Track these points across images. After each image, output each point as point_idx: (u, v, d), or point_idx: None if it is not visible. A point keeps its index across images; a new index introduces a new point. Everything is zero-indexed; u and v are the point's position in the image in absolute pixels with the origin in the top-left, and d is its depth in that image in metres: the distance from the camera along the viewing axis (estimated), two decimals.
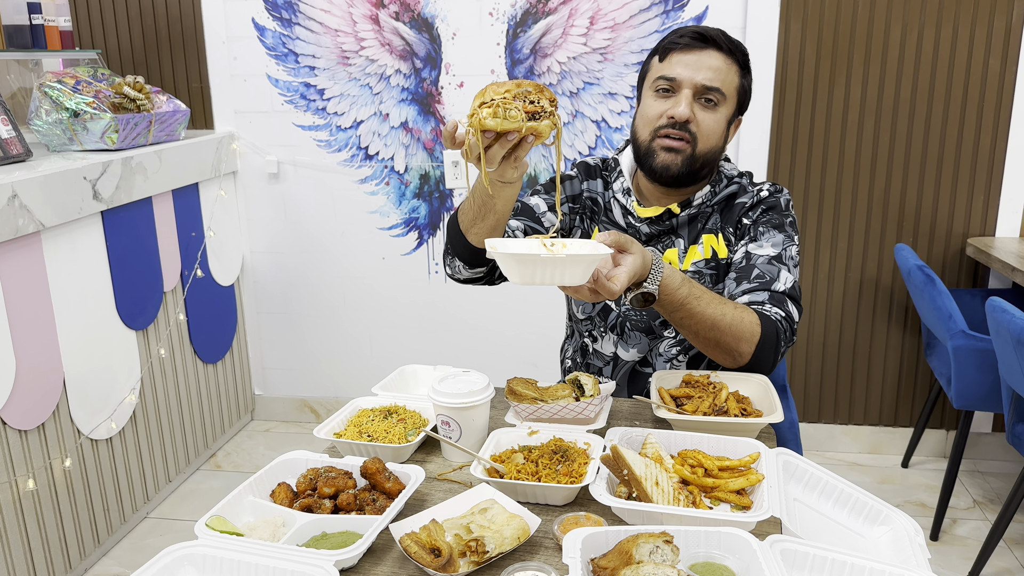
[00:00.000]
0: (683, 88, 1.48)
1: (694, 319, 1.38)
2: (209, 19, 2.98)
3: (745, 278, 1.49)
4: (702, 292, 1.38)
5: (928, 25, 2.63)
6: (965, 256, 2.79)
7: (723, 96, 1.49)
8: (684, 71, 1.47)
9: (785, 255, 1.51)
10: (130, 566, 2.41)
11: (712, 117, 1.50)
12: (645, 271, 1.31)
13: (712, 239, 1.57)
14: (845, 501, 1.18)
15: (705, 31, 1.49)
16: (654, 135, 1.50)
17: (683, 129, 1.48)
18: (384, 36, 2.91)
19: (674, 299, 1.36)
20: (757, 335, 1.40)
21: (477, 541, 0.99)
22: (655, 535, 0.94)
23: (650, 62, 1.55)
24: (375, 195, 3.07)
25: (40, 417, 2.14)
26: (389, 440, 1.27)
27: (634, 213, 1.59)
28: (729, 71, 1.49)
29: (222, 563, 0.98)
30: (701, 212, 1.58)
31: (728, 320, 1.38)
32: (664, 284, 1.34)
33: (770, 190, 1.58)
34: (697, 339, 1.42)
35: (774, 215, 1.56)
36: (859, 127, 2.74)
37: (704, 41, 1.48)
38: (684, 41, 1.48)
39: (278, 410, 3.35)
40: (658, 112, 1.50)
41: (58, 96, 2.44)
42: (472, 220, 1.41)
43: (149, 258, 2.61)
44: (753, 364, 1.43)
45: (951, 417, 2.96)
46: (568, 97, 2.87)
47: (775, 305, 1.45)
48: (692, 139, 1.48)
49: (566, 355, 1.79)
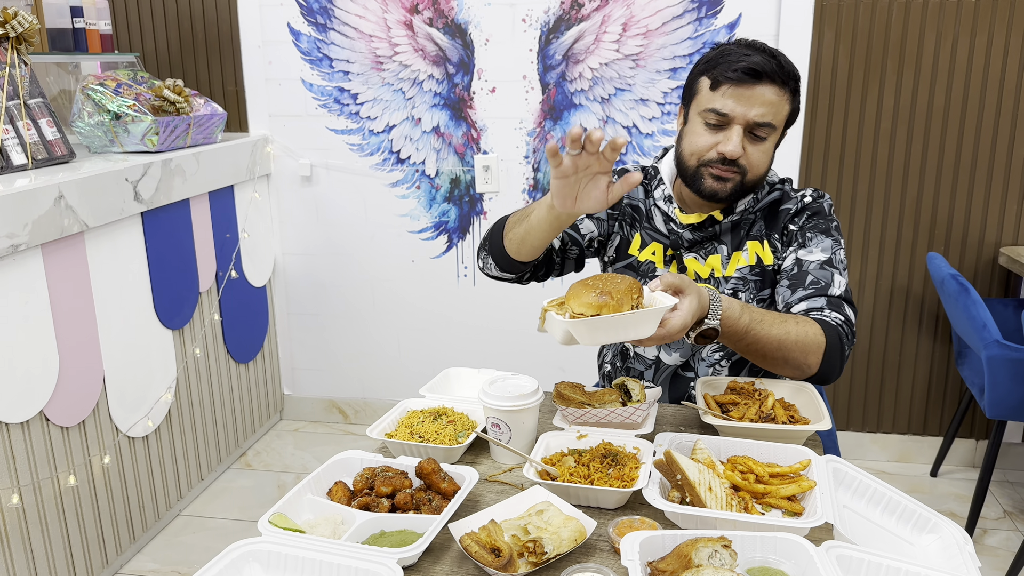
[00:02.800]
0: (734, 124, 1.46)
1: (760, 343, 1.37)
2: (245, 23, 3.02)
3: (800, 285, 1.50)
4: (762, 315, 1.38)
5: (962, 34, 2.63)
6: (997, 265, 2.78)
7: (773, 129, 1.48)
8: (736, 107, 1.45)
9: (835, 259, 1.52)
10: (164, 563, 2.44)
11: (761, 149, 1.49)
12: (703, 308, 1.30)
13: (757, 246, 1.58)
14: (893, 509, 1.19)
15: (760, 67, 1.43)
16: (701, 164, 1.50)
17: (732, 164, 1.48)
18: (418, 42, 2.93)
19: (737, 329, 1.35)
20: (823, 345, 1.39)
21: (535, 542, 1.00)
22: (713, 539, 0.95)
23: (699, 82, 1.51)
24: (406, 199, 3.10)
25: (81, 414, 2.18)
26: (440, 441, 1.29)
27: (676, 220, 1.60)
28: (781, 102, 1.47)
29: (287, 560, 1.00)
30: (744, 219, 1.59)
31: (794, 337, 1.38)
32: (725, 317, 1.33)
33: (813, 196, 1.59)
34: (765, 360, 1.41)
35: (820, 220, 1.56)
36: (891, 135, 2.74)
37: (757, 77, 1.44)
38: (736, 76, 1.44)
39: (307, 410, 3.39)
40: (707, 144, 1.49)
41: (100, 99, 2.48)
42: (516, 232, 1.49)
43: (186, 259, 2.64)
44: (821, 373, 1.42)
45: (981, 426, 2.95)
46: (599, 103, 2.89)
47: (833, 310, 1.45)
48: (741, 171, 1.49)
49: (604, 359, 1.79)
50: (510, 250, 1.52)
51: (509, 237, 1.51)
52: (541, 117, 2.94)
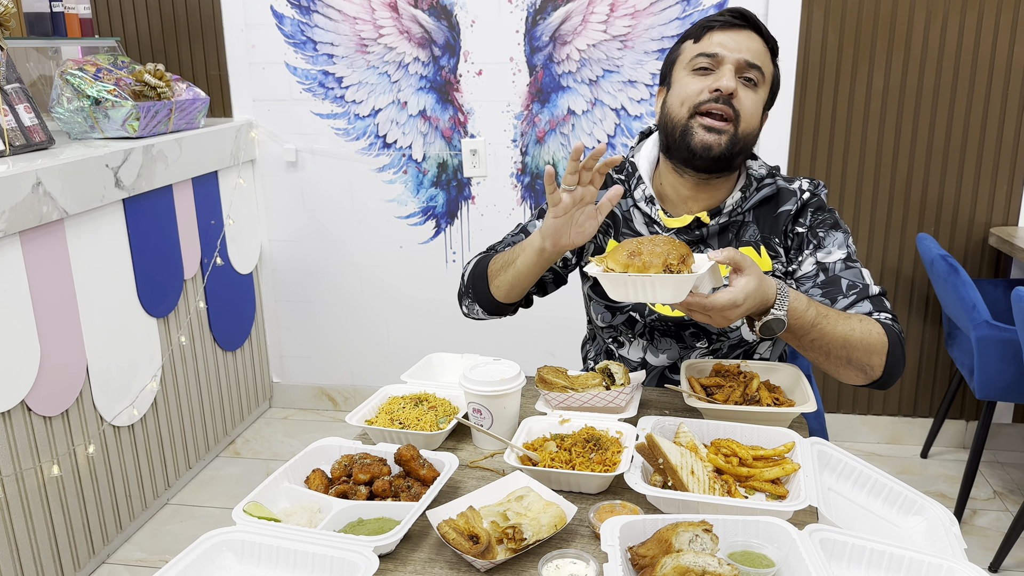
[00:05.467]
0: (726, 63, 1.41)
1: (825, 340, 1.30)
2: (227, 6, 2.97)
3: (839, 293, 1.41)
4: (827, 311, 1.31)
5: (952, 13, 2.60)
6: (987, 246, 2.77)
7: (763, 77, 1.44)
8: (727, 45, 1.42)
9: (852, 252, 1.45)
10: (152, 552, 2.43)
11: (752, 97, 1.43)
12: (765, 295, 1.22)
13: (752, 252, 1.48)
14: (879, 491, 1.18)
15: (745, 13, 1.45)
16: (693, 112, 1.42)
17: (727, 104, 1.40)
18: (403, 24, 2.90)
19: (803, 323, 1.27)
20: (886, 345, 1.33)
21: (514, 528, 0.99)
22: (694, 523, 0.94)
23: (682, 45, 1.49)
24: (393, 184, 3.07)
25: (64, 404, 2.16)
26: (420, 427, 1.27)
27: (660, 223, 1.50)
28: (766, 55, 1.46)
29: (261, 549, 0.98)
30: (733, 221, 1.50)
31: (858, 335, 1.31)
32: (792, 308, 1.25)
33: (810, 188, 1.51)
34: (828, 360, 1.33)
35: (826, 215, 1.49)
36: (881, 116, 2.72)
37: (744, 20, 1.44)
38: (724, 19, 1.44)
39: (296, 397, 3.37)
40: (699, 88, 1.42)
41: (79, 84, 2.44)
42: (503, 279, 1.49)
43: (170, 246, 2.61)
44: (886, 375, 1.35)
45: (971, 408, 2.95)
46: (587, 85, 2.86)
47: (879, 310, 1.38)
48: (735, 116, 1.40)
49: (588, 356, 1.75)
50: (499, 296, 1.51)
51: (496, 284, 1.50)
52: (529, 100, 2.91)
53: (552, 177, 1.26)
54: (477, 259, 1.59)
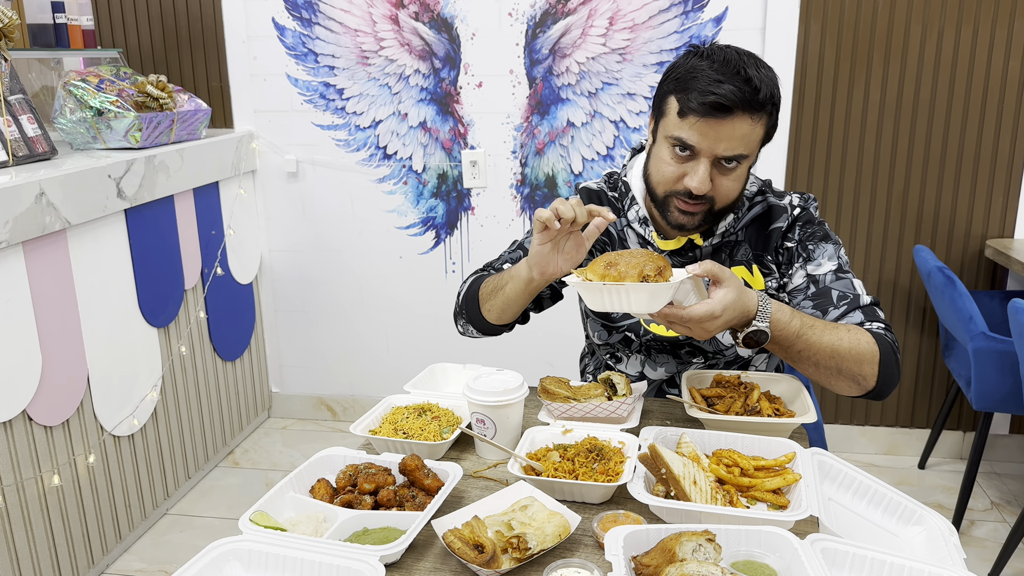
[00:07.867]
0: (701, 157, 1.34)
1: (812, 351, 1.30)
2: (229, 18, 2.99)
3: (830, 304, 1.41)
4: (813, 321, 1.31)
5: (948, 26, 2.63)
6: (984, 257, 2.79)
7: (745, 157, 1.37)
8: (703, 141, 1.33)
9: (844, 263, 1.45)
10: (151, 562, 2.43)
11: (731, 177, 1.38)
12: (745, 308, 1.23)
13: (744, 272, 1.49)
14: (879, 501, 1.19)
15: (729, 100, 1.29)
16: (668, 194, 1.41)
17: (699, 198, 1.38)
18: (403, 36, 2.92)
19: (787, 334, 1.28)
20: (877, 354, 1.32)
21: (519, 538, 1.00)
22: (697, 533, 0.95)
23: (667, 101, 1.38)
24: (393, 194, 3.08)
25: (65, 413, 2.16)
26: (424, 437, 1.28)
27: (654, 244, 1.51)
28: (753, 131, 1.34)
29: (268, 558, 0.99)
30: (725, 242, 1.50)
31: (847, 344, 1.30)
32: (775, 320, 1.26)
33: (800, 203, 1.51)
34: (818, 370, 1.33)
35: (816, 228, 1.49)
36: (878, 128, 2.74)
37: (727, 111, 1.30)
38: (703, 110, 1.30)
39: (295, 407, 3.37)
40: (674, 175, 1.38)
41: (82, 95, 2.45)
42: (494, 304, 1.49)
43: (171, 256, 2.62)
44: (880, 385, 1.34)
45: (968, 419, 2.96)
46: (587, 97, 2.88)
47: (871, 320, 1.38)
48: (709, 201, 1.39)
49: (587, 369, 1.76)
50: (490, 319, 1.53)
51: (487, 308, 1.51)
52: (528, 112, 2.93)
53: (549, 220, 1.25)
54: (471, 280, 1.59)
